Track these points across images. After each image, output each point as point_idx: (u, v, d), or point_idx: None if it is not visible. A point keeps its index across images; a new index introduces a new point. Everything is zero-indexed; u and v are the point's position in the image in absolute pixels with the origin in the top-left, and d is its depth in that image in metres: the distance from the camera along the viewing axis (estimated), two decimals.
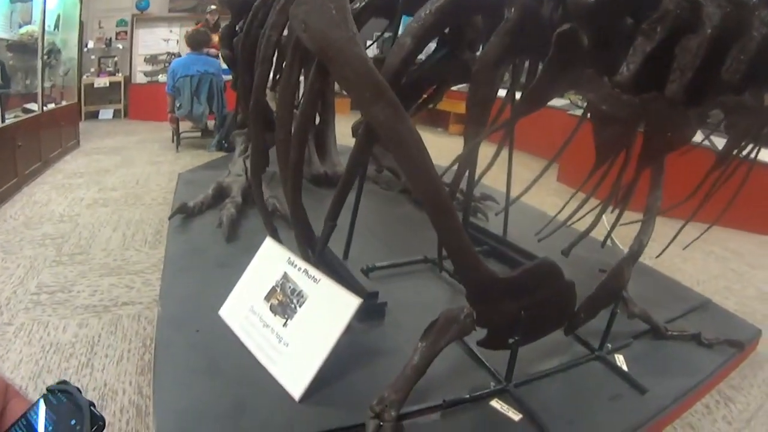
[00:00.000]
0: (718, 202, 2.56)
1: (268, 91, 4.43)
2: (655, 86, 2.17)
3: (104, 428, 1.12)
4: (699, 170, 2.65)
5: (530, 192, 3.47)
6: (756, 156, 2.51)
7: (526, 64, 3.31)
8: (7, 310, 3.94)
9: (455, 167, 2.89)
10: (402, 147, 2.21)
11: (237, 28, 5.38)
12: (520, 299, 2.58)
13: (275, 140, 2.99)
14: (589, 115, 2.64)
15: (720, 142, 2.73)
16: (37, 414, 1.06)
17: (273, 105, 4.23)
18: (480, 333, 2.70)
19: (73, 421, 1.08)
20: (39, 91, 8.07)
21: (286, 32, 3.20)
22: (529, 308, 2.61)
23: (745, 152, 2.50)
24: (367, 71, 2.28)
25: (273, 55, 3.11)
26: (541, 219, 3.53)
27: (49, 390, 1.10)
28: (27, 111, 7.70)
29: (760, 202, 5.85)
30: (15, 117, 7.24)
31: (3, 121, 6.72)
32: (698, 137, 3.06)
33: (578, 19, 2.14)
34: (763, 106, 2.17)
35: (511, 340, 2.73)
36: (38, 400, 1.07)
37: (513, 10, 2.34)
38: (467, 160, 2.97)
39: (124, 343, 3.65)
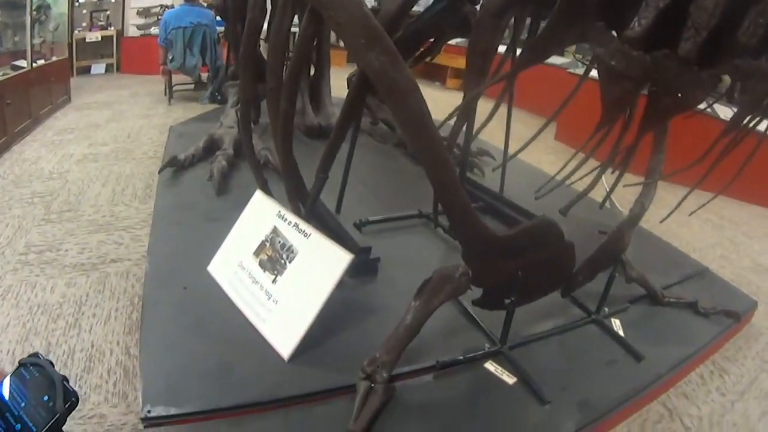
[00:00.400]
0: (719, 170, 2.48)
1: (261, 42, 4.32)
2: (666, 44, 2.09)
3: (77, 404, 1.11)
4: (701, 136, 2.57)
5: (527, 149, 3.37)
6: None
7: (528, 21, 3.23)
8: None
9: (452, 121, 2.81)
10: (398, 97, 2.09)
11: None
12: (518, 258, 2.51)
13: (266, 89, 2.88)
14: (595, 71, 2.56)
15: (722, 111, 2.66)
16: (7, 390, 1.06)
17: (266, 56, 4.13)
18: (475, 292, 2.64)
19: (45, 397, 1.09)
20: (28, 47, 7.89)
21: None
22: (526, 268, 2.55)
23: (756, 121, 2.42)
24: (362, 16, 2.15)
25: (265, 2, 2.97)
26: (538, 177, 3.46)
27: (22, 364, 1.12)
28: (16, 68, 7.53)
29: (756, 173, 5.79)
30: (3, 75, 7.10)
31: None
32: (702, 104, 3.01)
33: None
34: None
35: (507, 301, 2.67)
36: (6, 376, 1.08)
37: None
38: (466, 112, 2.90)
39: (111, 301, 3.57)
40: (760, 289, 4.35)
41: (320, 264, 2.70)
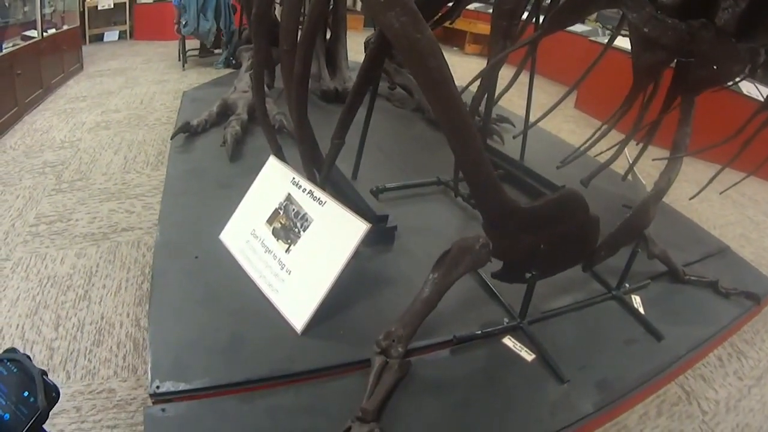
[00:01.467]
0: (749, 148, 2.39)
1: (276, 4, 4.21)
2: (703, 14, 2.02)
3: (59, 398, 1.09)
4: (725, 112, 2.49)
5: (548, 118, 3.30)
6: None
7: None
8: (5, 245, 3.82)
9: (473, 87, 2.72)
10: (419, 59, 1.98)
11: None
12: (541, 231, 2.44)
13: (280, 51, 2.79)
14: (618, 40, 2.47)
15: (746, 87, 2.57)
16: None
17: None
18: (495, 264, 2.57)
19: (25, 393, 1.08)
20: (38, 17, 7.83)
21: None
22: (549, 241, 2.48)
23: None
24: None
25: None
26: (558, 145, 3.38)
27: None
28: (27, 39, 7.50)
29: None
30: (13, 45, 7.05)
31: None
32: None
33: None
34: None
35: (528, 274, 2.60)
36: None
37: None
38: (490, 77, 2.81)
39: (122, 272, 3.54)
40: None
41: (335, 233, 2.63)
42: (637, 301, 3.15)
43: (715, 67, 2.32)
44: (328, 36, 6.09)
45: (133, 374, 2.74)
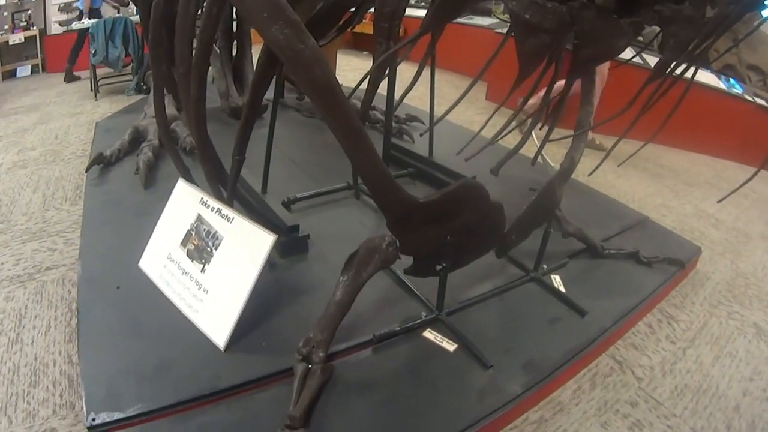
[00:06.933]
0: (651, 118, 2.47)
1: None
2: None
3: None
4: (632, 87, 2.56)
5: (459, 111, 3.35)
6: (694, 73, 2.41)
7: None
8: None
9: (383, 91, 2.76)
10: (304, 68, 2.00)
11: None
12: (444, 223, 2.48)
13: (176, 75, 2.79)
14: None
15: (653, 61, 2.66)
16: None
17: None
18: (408, 261, 2.60)
19: None
20: None
21: None
22: (455, 232, 2.52)
23: (682, 68, 2.41)
24: None
25: None
26: (469, 138, 3.43)
27: None
28: None
29: (693, 121, 5.86)
30: None
31: None
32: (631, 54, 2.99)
33: None
34: (703, 17, 2.08)
35: (438, 267, 2.64)
36: None
37: None
38: (374, 78, 2.86)
39: (50, 310, 3.47)
40: (704, 235, 4.42)
41: (245, 248, 2.64)
42: (557, 280, 3.22)
43: (599, 45, 2.38)
44: (234, 53, 6.06)
45: (71, 410, 2.70)
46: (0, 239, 4.39)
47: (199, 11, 2.64)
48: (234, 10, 4.83)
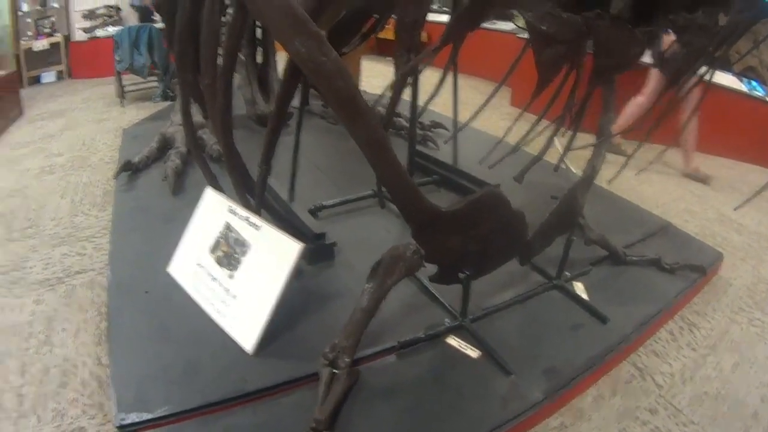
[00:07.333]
0: (673, 124, 2.49)
1: None
2: (599, 4, 2.09)
3: None
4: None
5: (484, 117, 3.37)
6: (711, 77, 2.44)
7: None
8: None
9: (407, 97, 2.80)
10: (326, 80, 2.06)
11: None
12: (467, 232, 2.51)
13: (202, 85, 2.84)
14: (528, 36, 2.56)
15: None
16: None
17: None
18: (432, 268, 2.64)
19: None
20: None
21: None
22: (477, 241, 2.55)
23: (700, 73, 2.43)
24: (284, 4, 2.09)
25: None
26: (494, 144, 3.44)
27: None
28: None
29: (717, 125, 5.83)
30: None
31: None
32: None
33: None
34: (717, 25, 2.10)
35: (462, 275, 2.67)
36: None
37: None
38: (398, 88, 2.89)
39: (80, 314, 3.54)
40: (726, 240, 4.40)
41: (273, 255, 2.70)
42: (579, 287, 3.23)
43: (616, 53, 2.41)
44: (259, 61, 6.12)
45: (100, 411, 2.75)
46: (29, 243, 4.47)
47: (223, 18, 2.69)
48: None
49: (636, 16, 2.14)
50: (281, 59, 6.33)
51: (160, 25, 8.46)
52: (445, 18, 4.00)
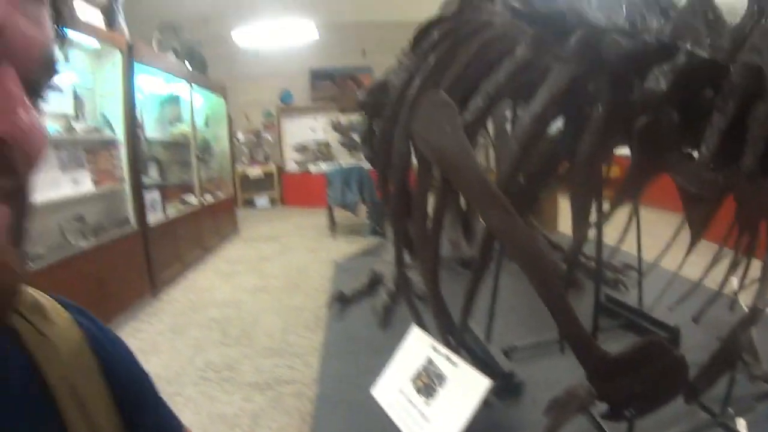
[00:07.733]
0: None
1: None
2: (735, 159, 2.13)
3: None
4: None
5: (672, 253, 3.58)
6: None
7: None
8: (177, 383, 4.42)
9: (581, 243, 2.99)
10: (515, 247, 2.48)
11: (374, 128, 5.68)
12: (632, 375, 2.77)
13: (414, 238, 3.34)
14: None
15: None
16: None
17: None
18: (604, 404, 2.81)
19: None
20: (195, 184, 8.78)
21: None
22: (641, 383, 2.80)
23: None
24: (480, 182, 2.50)
25: (409, 157, 3.13)
26: (678, 282, 3.54)
27: None
28: (184, 202, 8.46)
29: None
30: (175, 209, 8.01)
31: (166, 216, 7.54)
32: None
33: (656, 106, 2.18)
34: None
35: (628, 413, 2.87)
36: None
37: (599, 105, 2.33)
38: (578, 239, 3.10)
39: (285, 416, 4.03)
40: None
41: (464, 388, 3.13)
42: (741, 423, 3.21)
43: (752, 203, 2.55)
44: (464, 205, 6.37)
45: None
46: (243, 351, 5.08)
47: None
48: None
49: (765, 167, 2.09)
50: None
51: (367, 165, 9.14)
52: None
